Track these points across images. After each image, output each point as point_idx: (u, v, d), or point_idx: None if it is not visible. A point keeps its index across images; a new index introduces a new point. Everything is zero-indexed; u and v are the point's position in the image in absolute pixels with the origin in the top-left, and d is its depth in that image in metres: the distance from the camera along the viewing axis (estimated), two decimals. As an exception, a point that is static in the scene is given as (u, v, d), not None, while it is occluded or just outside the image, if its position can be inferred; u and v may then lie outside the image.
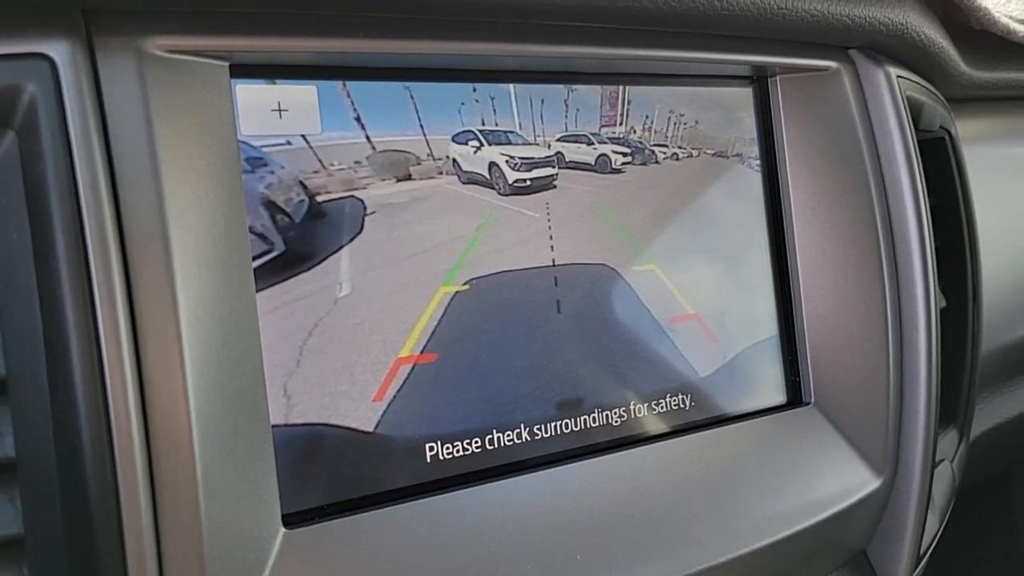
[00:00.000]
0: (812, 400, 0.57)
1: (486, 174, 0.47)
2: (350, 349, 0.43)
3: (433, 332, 0.45)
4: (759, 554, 0.50)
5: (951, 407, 0.69)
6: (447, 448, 0.45)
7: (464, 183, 0.46)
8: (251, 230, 0.40)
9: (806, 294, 0.58)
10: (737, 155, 0.56)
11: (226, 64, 0.39)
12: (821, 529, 0.53)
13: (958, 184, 0.67)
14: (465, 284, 0.46)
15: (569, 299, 0.49)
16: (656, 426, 0.52)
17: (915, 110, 0.60)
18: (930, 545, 0.62)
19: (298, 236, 0.41)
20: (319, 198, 0.42)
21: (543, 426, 0.48)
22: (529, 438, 0.48)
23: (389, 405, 0.43)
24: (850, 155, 0.57)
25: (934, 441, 0.58)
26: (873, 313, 0.57)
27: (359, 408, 0.43)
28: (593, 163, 0.50)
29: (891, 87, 0.58)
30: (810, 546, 0.54)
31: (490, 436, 0.46)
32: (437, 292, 0.45)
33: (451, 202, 0.46)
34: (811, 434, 0.56)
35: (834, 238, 0.58)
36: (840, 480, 0.56)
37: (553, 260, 0.48)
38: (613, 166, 0.51)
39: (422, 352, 0.44)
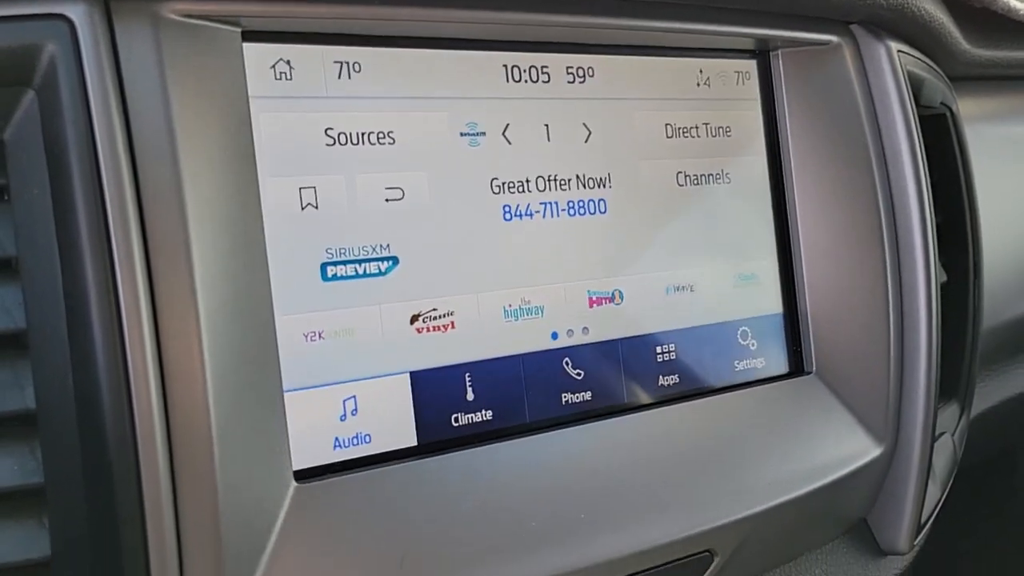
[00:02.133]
0: (814, 370, 0.58)
1: (492, 141, 0.48)
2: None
3: None
4: (761, 517, 0.51)
5: (952, 381, 0.69)
6: (467, 417, 0.46)
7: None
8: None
9: (808, 267, 0.58)
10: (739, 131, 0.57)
11: (238, 30, 0.40)
12: (823, 494, 0.54)
13: (959, 160, 0.68)
14: None
15: None
16: (660, 393, 0.53)
17: (916, 85, 0.61)
18: (931, 515, 0.63)
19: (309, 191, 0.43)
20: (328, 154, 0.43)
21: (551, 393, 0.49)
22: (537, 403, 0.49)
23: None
24: (851, 130, 0.58)
25: (934, 412, 0.59)
26: (874, 286, 0.58)
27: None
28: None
29: (892, 62, 0.59)
30: (812, 511, 0.55)
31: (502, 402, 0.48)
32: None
33: (458, 168, 0.47)
34: (813, 402, 0.57)
35: (836, 212, 0.58)
36: (841, 448, 0.56)
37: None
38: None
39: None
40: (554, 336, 0.50)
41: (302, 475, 0.41)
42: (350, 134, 0.44)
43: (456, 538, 0.43)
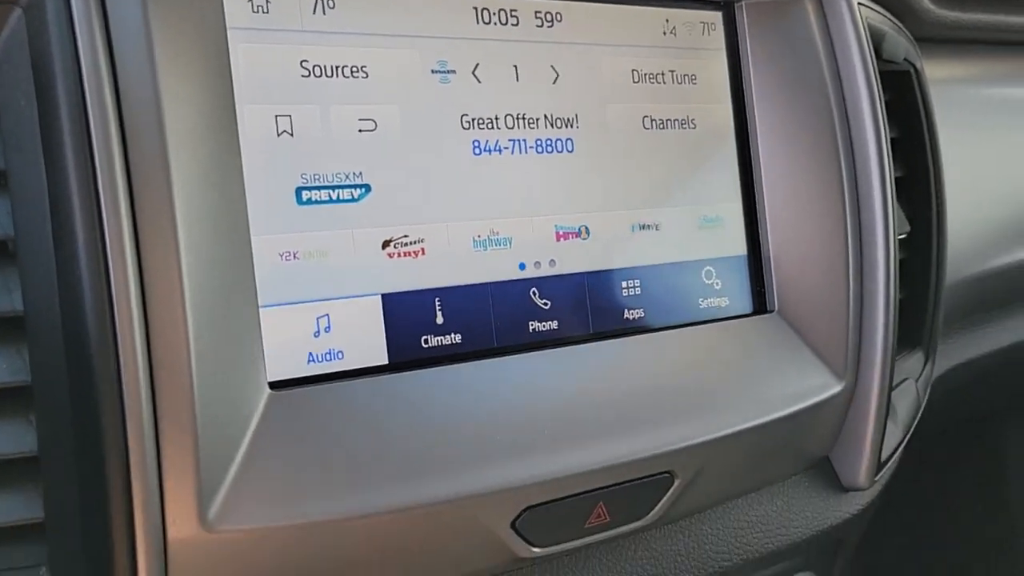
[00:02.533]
0: (776, 309, 0.60)
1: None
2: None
3: None
4: (721, 443, 0.53)
5: (917, 330, 0.72)
6: (437, 339, 0.49)
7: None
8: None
9: (771, 211, 0.61)
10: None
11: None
12: (783, 425, 0.56)
13: (923, 116, 0.70)
14: None
15: None
16: (626, 326, 0.55)
17: (876, 38, 0.63)
18: (892, 454, 0.66)
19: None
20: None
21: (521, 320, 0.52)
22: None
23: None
24: (814, 81, 0.61)
25: (893, 352, 0.61)
26: (834, 230, 0.60)
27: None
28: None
29: (852, 13, 0.61)
30: (772, 441, 0.57)
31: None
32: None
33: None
34: (775, 340, 0.59)
35: (798, 159, 0.61)
36: (803, 383, 0.59)
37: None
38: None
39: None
40: (521, 267, 0.52)
41: (276, 386, 0.44)
42: (324, 67, 0.46)
43: (424, 448, 0.45)
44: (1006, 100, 0.86)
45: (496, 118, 0.51)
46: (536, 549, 0.48)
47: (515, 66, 0.52)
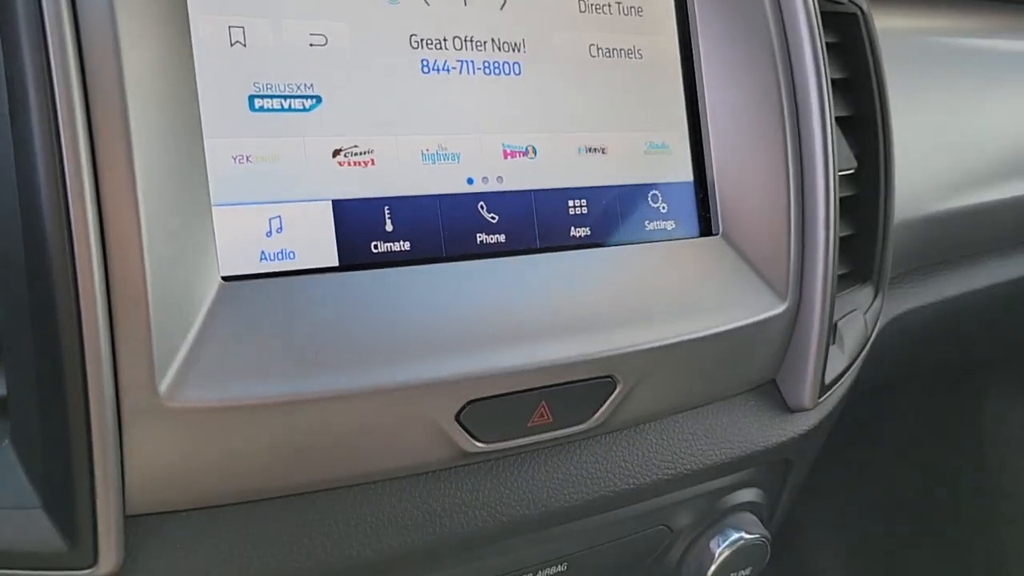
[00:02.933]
0: (720, 232, 0.63)
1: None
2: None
3: None
4: (662, 352, 0.56)
5: (866, 265, 0.74)
6: (386, 245, 0.51)
7: None
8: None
9: (715, 140, 0.63)
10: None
11: None
12: (726, 339, 0.59)
13: (870, 58, 0.73)
14: None
15: None
16: (572, 243, 0.58)
17: (820, -23, 0.66)
18: (837, 378, 0.68)
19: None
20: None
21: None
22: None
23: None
24: (757, 19, 0.63)
25: (833, 276, 0.64)
26: (777, 161, 0.62)
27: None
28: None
29: (796, -48, 0.63)
30: (715, 356, 0.60)
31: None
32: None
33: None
34: (719, 261, 0.62)
35: (741, 93, 0.63)
36: (746, 301, 0.61)
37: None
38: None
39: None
40: (469, 181, 0.55)
41: (229, 280, 0.46)
42: (275, -18, 0.49)
43: (371, 341, 0.48)
44: (959, 51, 0.89)
45: (444, 39, 0.54)
46: (480, 444, 0.51)
47: (463, -9, 0.55)
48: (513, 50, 0.56)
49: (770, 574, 1.52)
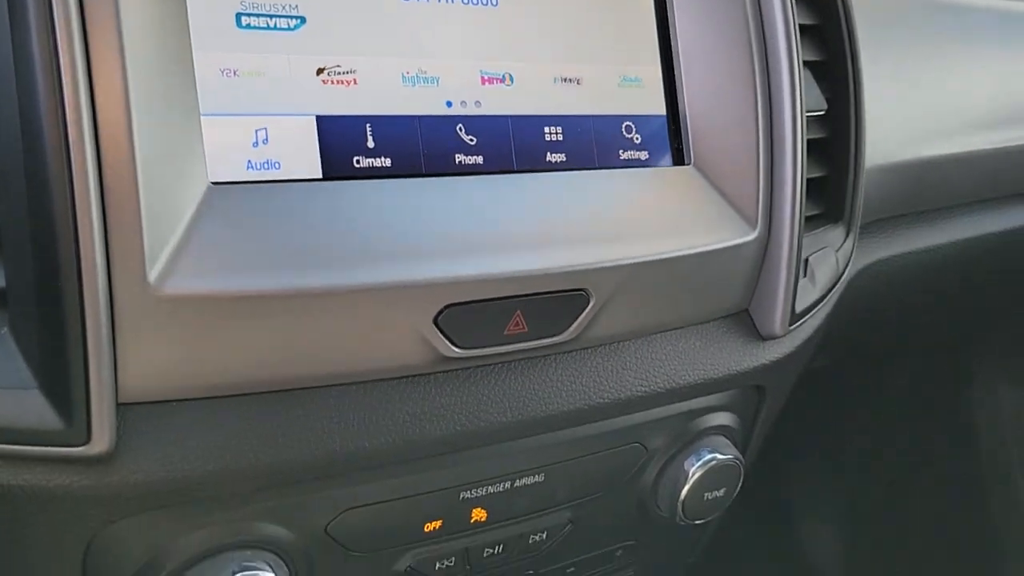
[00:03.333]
0: (692, 162, 0.65)
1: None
2: None
3: None
4: (634, 268, 0.58)
5: (838, 206, 0.77)
6: (368, 161, 0.54)
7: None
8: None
9: (687, 75, 0.66)
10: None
11: None
12: (699, 261, 0.61)
13: (840, 4, 0.75)
14: None
15: None
16: (548, 167, 0.60)
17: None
18: (808, 309, 0.70)
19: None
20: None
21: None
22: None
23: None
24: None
25: (801, 206, 0.66)
26: (747, 97, 0.65)
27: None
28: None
29: None
30: (687, 278, 0.62)
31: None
32: None
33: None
34: (691, 189, 0.64)
35: (713, 31, 0.66)
36: (717, 227, 0.64)
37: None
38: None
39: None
40: (448, 104, 0.57)
41: (217, 185, 0.49)
42: (261, -94, 0.52)
43: (352, 243, 0.50)
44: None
45: (423, -31, 0.57)
46: (458, 349, 0.53)
47: (441, -77, 0.57)
48: (490, -19, 0.59)
49: (768, 567, 1.54)
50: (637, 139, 0.65)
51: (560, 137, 0.61)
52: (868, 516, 1.63)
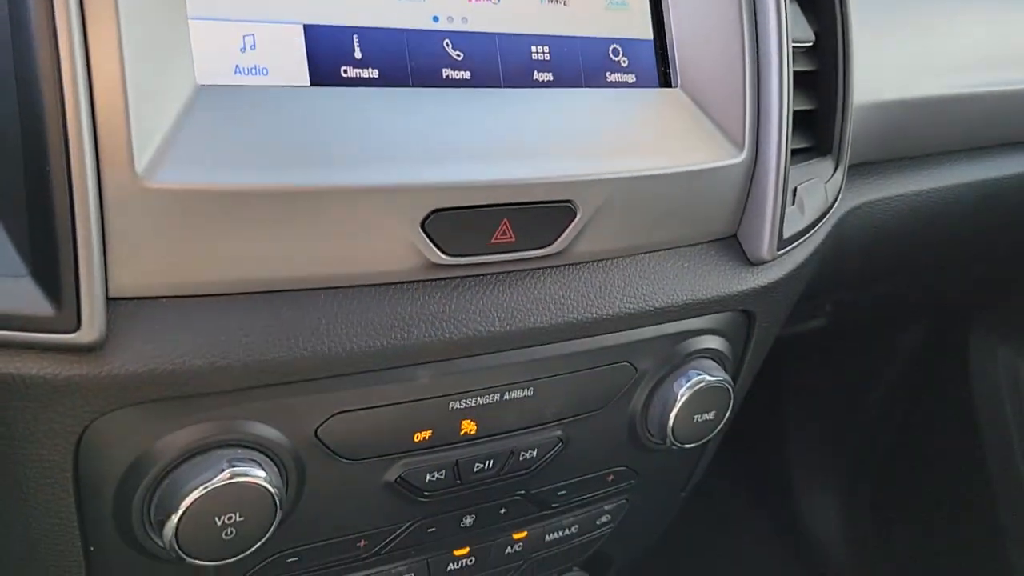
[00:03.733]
0: (679, 85, 0.66)
1: None
2: None
3: None
4: (620, 183, 0.59)
5: (827, 138, 0.77)
6: (355, 71, 0.54)
7: None
8: None
9: (674, 4, 0.66)
10: None
11: None
12: (685, 180, 0.62)
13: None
14: None
15: None
16: (536, 84, 0.61)
17: None
18: (796, 235, 0.71)
19: None
20: None
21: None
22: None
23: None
24: None
25: (788, 131, 0.67)
26: (733, 20, 0.66)
27: None
28: None
29: None
30: (676, 197, 0.62)
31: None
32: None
33: None
34: (678, 109, 0.65)
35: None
36: (704, 148, 0.64)
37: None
38: None
39: None
40: (435, 19, 0.58)
41: (206, 87, 0.50)
42: None
43: (340, 145, 0.51)
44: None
45: None
46: (445, 256, 0.54)
47: None
48: (476, -100, 0.60)
49: (766, 535, 1.55)
50: (624, 62, 0.65)
51: (547, 57, 0.62)
52: (869, 486, 1.63)
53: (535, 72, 0.61)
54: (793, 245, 0.71)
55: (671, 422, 0.67)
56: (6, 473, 0.49)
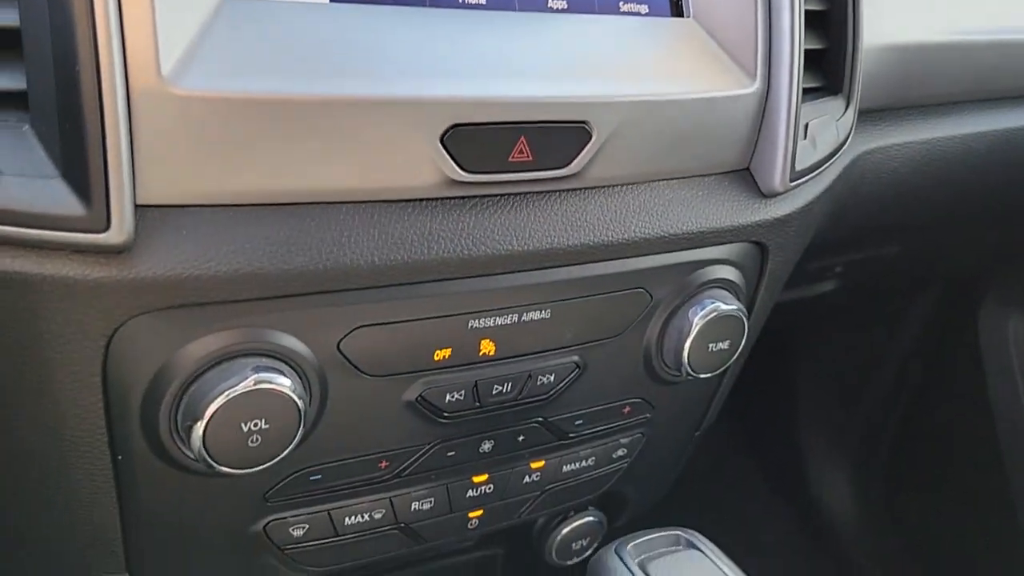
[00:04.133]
0: (692, 15, 0.67)
1: None
2: None
3: None
4: (635, 106, 0.59)
5: (838, 78, 0.78)
6: None
7: None
8: None
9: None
10: None
11: None
12: (699, 107, 0.63)
13: None
14: None
15: None
16: (551, 11, 0.62)
17: None
18: (808, 169, 0.72)
19: None
20: None
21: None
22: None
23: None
24: None
25: (800, 63, 0.67)
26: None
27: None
28: None
29: None
30: (690, 123, 0.63)
31: None
32: None
33: None
34: (692, 38, 0.66)
35: None
36: (717, 77, 0.65)
37: None
38: None
39: None
40: (452, -57, 0.59)
41: None
42: None
43: (362, 59, 0.52)
44: None
45: None
46: (464, 172, 0.55)
47: None
48: None
49: (778, 507, 1.55)
50: (637, -8, 0.66)
51: (562, -16, 0.63)
52: (881, 458, 1.64)
53: (549, 0, 0.62)
54: (805, 178, 0.72)
55: (686, 351, 0.68)
56: (39, 378, 0.50)
